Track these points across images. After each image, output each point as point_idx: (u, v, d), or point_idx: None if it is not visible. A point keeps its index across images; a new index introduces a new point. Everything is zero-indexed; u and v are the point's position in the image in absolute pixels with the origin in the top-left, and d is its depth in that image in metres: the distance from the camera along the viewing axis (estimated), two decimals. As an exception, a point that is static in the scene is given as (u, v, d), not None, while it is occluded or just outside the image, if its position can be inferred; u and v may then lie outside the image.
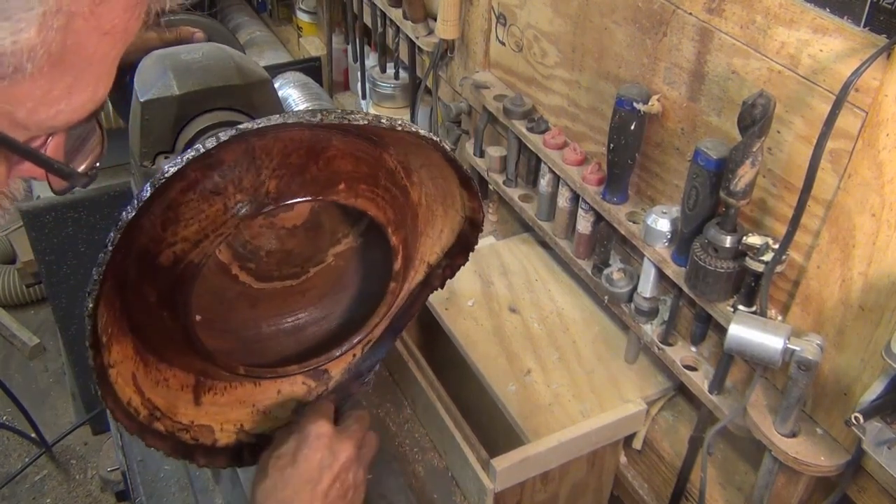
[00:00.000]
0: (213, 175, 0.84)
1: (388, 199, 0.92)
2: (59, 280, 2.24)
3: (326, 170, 0.87)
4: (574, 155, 1.34)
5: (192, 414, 1.05)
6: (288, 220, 1.03)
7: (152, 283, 0.89)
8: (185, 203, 0.84)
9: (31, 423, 2.58)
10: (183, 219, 0.85)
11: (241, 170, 0.84)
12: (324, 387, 1.11)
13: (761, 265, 1.01)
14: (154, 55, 1.10)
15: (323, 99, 2.09)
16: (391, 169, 0.94)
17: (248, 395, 1.08)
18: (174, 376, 1.03)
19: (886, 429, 0.92)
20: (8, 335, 3.10)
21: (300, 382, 1.10)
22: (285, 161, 0.85)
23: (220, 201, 0.84)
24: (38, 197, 2.22)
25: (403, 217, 0.95)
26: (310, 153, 0.86)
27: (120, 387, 0.97)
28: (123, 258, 0.86)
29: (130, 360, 0.97)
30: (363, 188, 0.89)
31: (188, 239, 0.85)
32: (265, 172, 0.85)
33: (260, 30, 2.70)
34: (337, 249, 1.07)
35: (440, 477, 1.27)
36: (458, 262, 1.08)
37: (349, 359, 1.11)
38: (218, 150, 0.80)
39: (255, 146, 0.84)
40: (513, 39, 1.50)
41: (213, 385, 1.05)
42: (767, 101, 0.91)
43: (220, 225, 0.85)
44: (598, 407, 1.28)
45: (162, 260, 0.86)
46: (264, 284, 1.07)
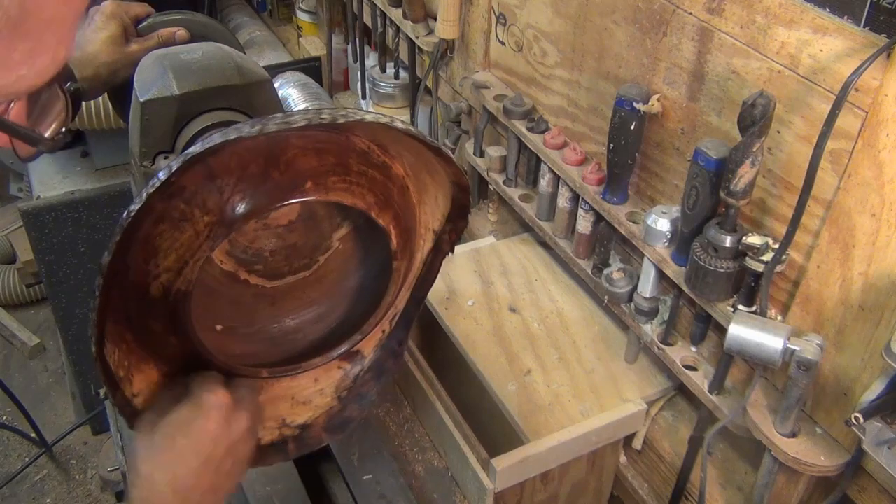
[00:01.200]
0: (179, 203, 0.84)
1: (365, 182, 0.90)
2: (59, 280, 2.25)
3: (289, 172, 0.86)
4: (574, 155, 1.34)
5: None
6: (281, 217, 1.03)
7: (152, 315, 0.90)
8: (158, 235, 0.84)
9: (31, 423, 2.58)
10: (161, 250, 0.85)
11: (203, 192, 0.84)
12: (359, 367, 1.11)
13: (761, 265, 1.00)
14: (154, 55, 1.10)
15: (323, 99, 2.10)
16: (363, 150, 0.91)
17: (286, 389, 1.08)
18: None
19: (886, 429, 0.92)
20: (8, 335, 3.10)
21: (336, 367, 1.10)
22: (245, 173, 0.84)
23: (189, 227, 0.84)
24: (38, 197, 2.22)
25: (388, 195, 0.93)
26: (269, 159, 0.85)
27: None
28: (119, 297, 0.87)
29: (157, 385, 0.98)
30: (333, 180, 0.88)
31: (170, 269, 0.86)
32: (227, 190, 0.84)
33: (260, 30, 2.70)
34: (340, 234, 1.06)
35: (440, 477, 1.27)
36: (460, 226, 1.06)
37: (379, 335, 1.10)
38: (178, 178, 0.80)
39: (212, 166, 0.83)
40: (513, 39, 1.50)
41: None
42: (767, 101, 0.90)
43: (196, 250, 0.85)
44: (598, 407, 1.28)
45: (153, 293, 0.87)
46: (278, 282, 1.07)
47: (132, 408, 0.95)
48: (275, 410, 1.08)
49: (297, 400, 1.09)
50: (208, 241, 0.85)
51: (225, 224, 0.85)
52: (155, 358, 0.96)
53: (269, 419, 1.07)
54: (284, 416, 1.08)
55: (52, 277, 2.24)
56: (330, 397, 1.10)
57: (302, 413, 1.09)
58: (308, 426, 1.09)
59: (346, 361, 1.10)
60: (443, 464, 1.29)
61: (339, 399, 1.11)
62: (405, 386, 1.38)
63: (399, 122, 0.83)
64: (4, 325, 3.10)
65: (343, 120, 0.78)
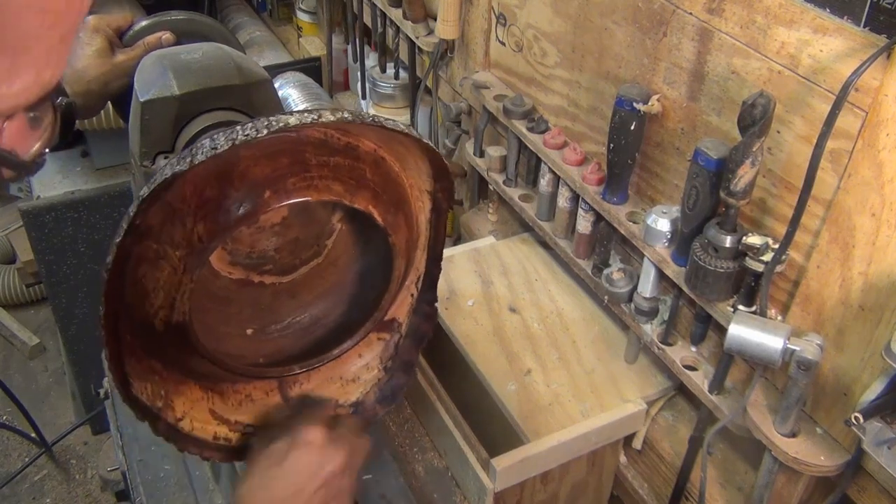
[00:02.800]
0: (150, 244, 0.84)
1: (328, 172, 0.89)
2: (59, 280, 2.25)
3: (245, 185, 0.85)
4: (574, 155, 1.34)
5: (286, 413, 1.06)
6: (273, 218, 1.03)
7: (167, 345, 0.90)
8: (143, 277, 0.85)
9: (31, 423, 2.58)
10: (150, 291, 0.85)
11: (168, 228, 0.84)
12: (398, 335, 1.12)
13: (761, 265, 1.00)
14: (154, 55, 1.11)
15: (323, 99, 2.10)
16: (320, 139, 0.89)
17: (332, 370, 1.09)
18: (255, 389, 1.05)
19: (886, 429, 0.92)
20: (8, 335, 3.10)
21: (376, 339, 1.10)
22: (202, 199, 0.84)
23: (166, 265, 0.84)
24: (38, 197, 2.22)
25: (359, 176, 0.91)
26: (222, 179, 0.84)
27: (199, 430, 1.00)
28: (131, 336, 0.88)
29: (202, 401, 0.99)
30: (293, 182, 0.86)
31: (163, 306, 0.86)
32: (189, 220, 0.84)
33: (260, 30, 2.70)
34: (338, 216, 1.06)
35: (440, 477, 1.27)
36: (447, 185, 1.04)
37: (409, 301, 1.11)
38: (143, 220, 0.80)
39: (169, 200, 0.83)
40: (513, 39, 1.50)
41: (296, 377, 1.06)
42: (767, 101, 0.91)
43: (178, 285, 0.85)
44: (598, 407, 1.28)
45: (157, 328, 0.88)
46: (293, 275, 1.07)
47: (180, 432, 0.97)
48: (326, 393, 1.09)
49: (345, 379, 1.10)
50: (186, 274, 0.85)
51: (196, 254, 0.85)
52: (191, 376, 0.97)
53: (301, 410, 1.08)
54: (337, 398, 1.09)
55: (52, 277, 2.24)
56: (376, 370, 1.11)
57: (353, 391, 1.10)
58: (360, 402, 1.10)
59: (385, 332, 1.11)
60: (443, 464, 1.29)
61: (385, 370, 1.12)
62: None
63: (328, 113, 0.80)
64: (4, 325, 3.10)
65: (266, 131, 0.77)
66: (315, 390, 1.08)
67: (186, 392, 0.97)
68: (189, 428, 0.98)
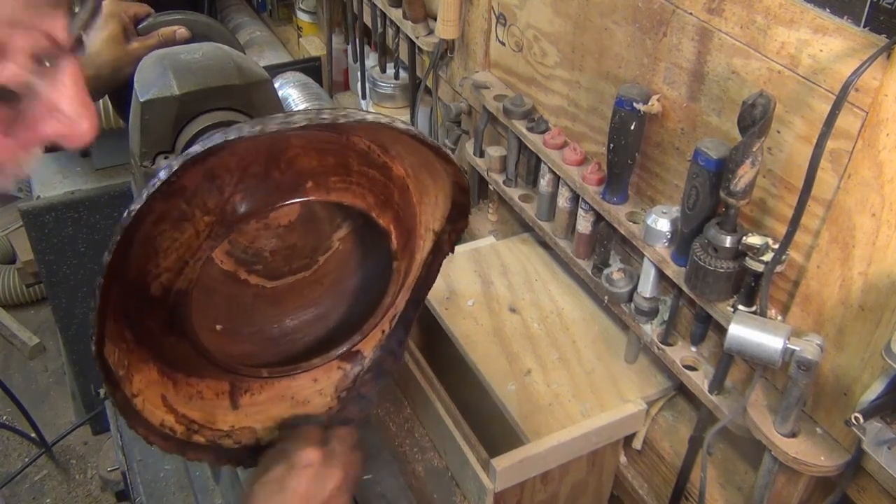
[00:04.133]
0: (180, 203, 0.84)
1: (366, 182, 0.90)
2: (59, 280, 2.25)
3: (290, 171, 0.86)
4: (574, 155, 1.34)
5: (231, 419, 1.06)
6: (281, 217, 1.03)
7: (152, 314, 0.90)
8: (159, 234, 0.85)
9: (31, 423, 2.58)
10: (161, 250, 0.85)
11: (204, 192, 0.84)
12: (359, 367, 1.11)
13: (761, 265, 1.01)
14: (154, 55, 1.10)
15: (323, 99, 2.10)
16: (363, 150, 0.91)
17: (286, 388, 1.08)
18: (207, 387, 1.04)
19: (886, 429, 0.92)
20: (8, 335, 3.10)
21: (335, 367, 1.10)
22: (246, 173, 0.84)
23: (190, 227, 0.84)
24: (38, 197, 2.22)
25: (389, 195, 0.93)
26: (269, 159, 0.85)
27: (149, 412, 0.98)
28: (119, 296, 0.87)
29: (157, 384, 0.98)
30: (334, 180, 0.88)
31: (170, 269, 0.86)
32: (228, 190, 0.84)
33: (260, 30, 2.70)
34: (340, 234, 1.06)
35: (440, 477, 1.27)
36: (460, 227, 1.06)
37: (378, 336, 1.10)
38: (179, 178, 0.80)
39: (212, 166, 0.83)
40: (513, 39, 1.50)
41: (249, 386, 1.06)
42: (767, 101, 0.91)
43: (196, 250, 0.85)
44: (598, 407, 1.28)
45: (153, 292, 0.87)
46: (278, 282, 1.07)
47: (132, 408, 0.96)
48: (273, 410, 1.08)
49: (296, 400, 1.09)
50: (209, 240, 0.85)
51: (225, 224, 0.85)
52: (154, 358, 0.96)
53: (269, 419, 1.07)
54: (284, 417, 1.08)
55: (52, 277, 2.24)
56: (329, 397, 1.11)
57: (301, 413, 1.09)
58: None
59: (346, 361, 1.10)
60: (443, 464, 1.29)
61: (339, 399, 1.11)
62: (405, 386, 1.38)
63: (399, 123, 0.82)
64: (4, 325, 3.10)
65: (344, 120, 0.78)
66: (263, 403, 1.07)
67: (146, 371, 0.96)
68: (141, 406, 0.96)
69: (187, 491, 1.26)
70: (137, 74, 1.09)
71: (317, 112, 0.78)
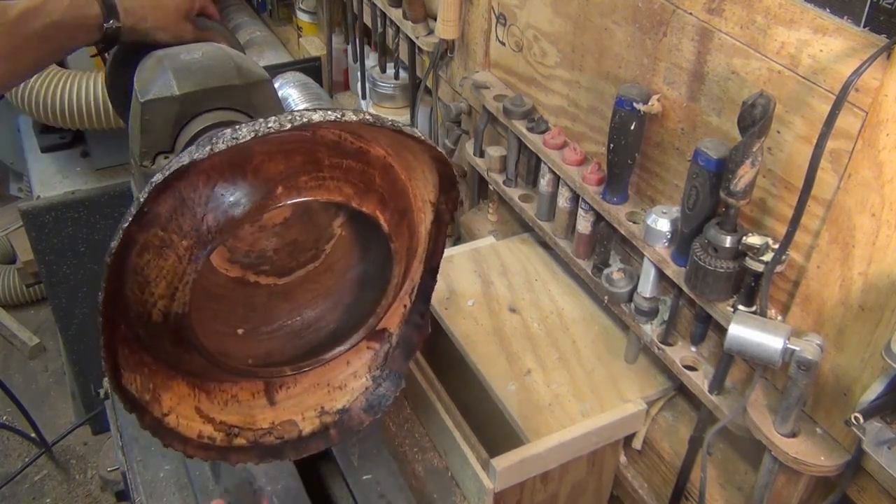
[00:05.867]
0: (157, 231, 0.84)
1: (340, 174, 0.89)
2: (59, 280, 2.25)
3: (258, 180, 0.85)
4: (574, 155, 1.34)
5: (270, 416, 1.07)
6: (274, 218, 1.03)
7: (161, 338, 0.90)
8: (145, 265, 0.85)
9: (31, 423, 2.58)
10: (151, 279, 0.86)
11: (177, 216, 0.84)
12: (388, 345, 1.12)
13: (761, 265, 1.00)
14: (154, 55, 1.11)
15: (323, 99, 2.10)
16: (334, 141, 0.90)
17: (320, 376, 1.09)
18: (241, 390, 1.05)
19: (886, 429, 0.92)
20: (8, 335, 3.10)
21: (365, 348, 1.11)
22: (215, 191, 0.84)
23: (171, 253, 0.85)
24: (38, 197, 2.22)
25: (369, 180, 0.92)
26: (236, 172, 0.84)
27: (185, 426, 0.99)
28: (126, 327, 0.89)
29: (189, 397, 0.99)
30: (304, 180, 0.87)
31: (164, 296, 0.86)
32: (199, 210, 0.84)
33: (260, 30, 2.70)
34: (339, 221, 1.06)
35: (440, 477, 1.27)
36: (453, 196, 1.05)
37: (401, 311, 1.11)
38: (151, 206, 0.81)
39: (179, 189, 0.83)
40: (513, 39, 1.50)
41: (283, 381, 1.06)
42: (767, 101, 0.91)
43: (182, 275, 0.85)
44: (598, 407, 1.28)
45: (154, 319, 0.88)
46: (289, 277, 1.07)
47: (165, 427, 0.97)
48: (311, 399, 1.09)
49: (332, 386, 1.10)
50: (191, 264, 0.85)
51: (202, 245, 0.85)
52: (181, 374, 0.97)
53: (308, 408, 1.08)
54: (323, 404, 1.09)
55: (52, 277, 2.24)
56: (364, 378, 1.12)
57: (339, 398, 1.10)
58: (347, 410, 1.11)
59: (374, 341, 1.11)
60: (443, 464, 1.29)
61: (373, 378, 1.12)
62: (405, 386, 1.38)
63: (350, 113, 0.81)
64: (4, 325, 3.10)
65: (290, 125, 0.77)
66: (301, 394, 1.08)
67: (174, 387, 0.97)
68: (175, 423, 0.97)
69: (187, 491, 1.26)
70: (137, 75, 1.09)
71: (263, 122, 0.77)
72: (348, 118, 0.80)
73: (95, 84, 2.11)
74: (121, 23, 1.19)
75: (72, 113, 2.12)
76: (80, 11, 1.15)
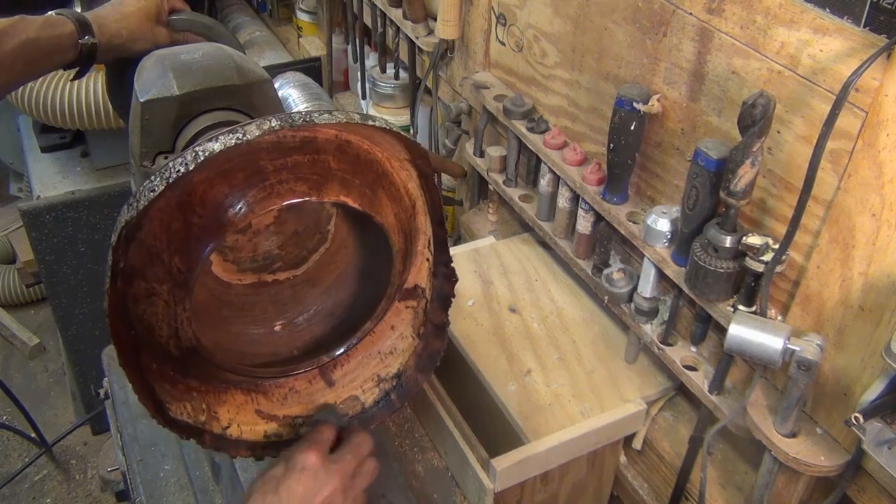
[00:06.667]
0: (140, 282, 0.84)
1: (287, 175, 0.86)
2: (59, 280, 2.25)
3: (207, 210, 0.84)
4: (574, 155, 1.34)
5: (332, 396, 1.07)
6: (263, 220, 1.03)
7: (191, 365, 0.91)
8: (143, 312, 0.86)
9: (31, 423, 2.59)
10: (154, 324, 0.86)
11: (150, 266, 0.84)
12: (424, 300, 1.11)
13: (761, 265, 1.00)
14: (154, 55, 1.11)
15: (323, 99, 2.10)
16: (273, 143, 0.86)
17: (369, 347, 1.09)
18: (297, 380, 1.05)
19: (886, 429, 0.92)
20: (8, 335, 3.10)
21: (404, 308, 1.10)
22: (171, 233, 0.83)
23: (158, 300, 0.85)
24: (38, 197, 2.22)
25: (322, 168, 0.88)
26: (184, 208, 0.83)
27: (249, 433, 1.00)
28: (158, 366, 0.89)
29: (246, 403, 1.00)
30: (252, 194, 0.84)
31: (170, 335, 0.87)
32: (165, 254, 0.84)
33: (260, 30, 2.70)
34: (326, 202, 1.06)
35: (440, 477, 1.27)
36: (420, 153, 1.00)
37: (426, 265, 1.10)
38: (123, 260, 0.81)
39: (142, 239, 0.83)
40: (513, 39, 1.50)
41: (336, 359, 1.06)
42: (767, 102, 0.91)
43: (175, 315, 0.86)
44: (598, 407, 1.28)
45: (173, 352, 0.88)
46: (305, 266, 1.08)
47: (228, 440, 0.97)
48: (367, 371, 1.09)
49: (383, 353, 1.10)
50: (178, 305, 0.85)
51: (180, 287, 0.84)
52: (231, 383, 0.97)
53: (366, 380, 1.09)
54: (378, 373, 1.10)
55: (52, 277, 2.24)
56: (411, 338, 1.12)
57: (392, 363, 1.11)
58: (402, 373, 1.11)
59: (410, 299, 1.11)
60: (443, 464, 1.29)
61: (420, 336, 1.12)
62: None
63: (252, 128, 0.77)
64: (4, 325, 3.10)
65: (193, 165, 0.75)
66: (355, 369, 1.08)
67: (229, 399, 0.97)
68: (237, 433, 0.98)
69: (187, 491, 1.26)
70: (137, 74, 1.09)
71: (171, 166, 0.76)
72: (251, 135, 0.77)
73: (95, 84, 2.12)
74: (96, 39, 1.20)
75: (72, 113, 2.12)
76: (54, 30, 1.17)
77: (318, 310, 1.07)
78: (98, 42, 1.21)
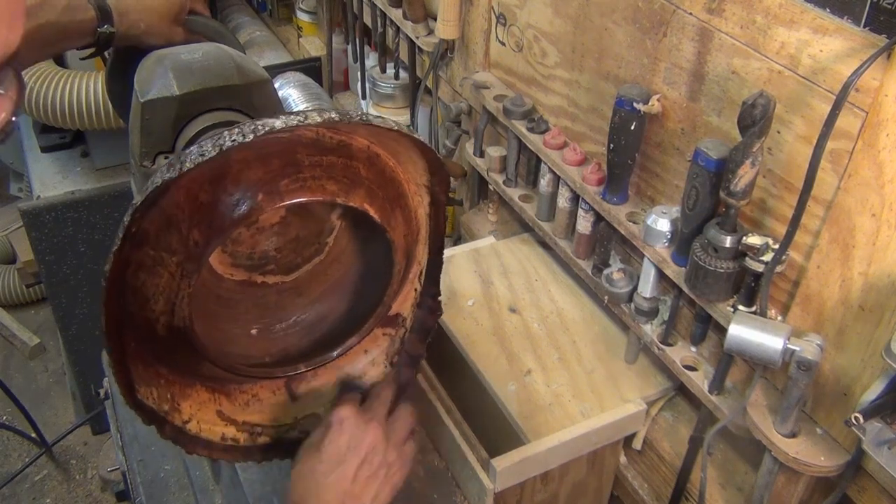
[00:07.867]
0: (147, 250, 0.84)
1: (321, 172, 0.88)
2: (59, 280, 2.25)
3: (238, 189, 0.84)
4: (574, 155, 1.34)
5: (293, 411, 1.07)
6: (271, 218, 1.03)
7: (171, 350, 0.91)
8: (142, 283, 0.85)
9: (31, 423, 2.59)
10: (150, 296, 0.86)
11: (165, 234, 0.83)
12: (403, 329, 1.12)
13: (761, 265, 1.01)
14: (154, 55, 1.11)
15: (323, 99, 2.10)
16: (312, 139, 0.88)
17: (339, 367, 1.09)
18: (262, 388, 1.05)
19: (886, 429, 0.92)
20: (8, 335, 3.10)
21: (381, 335, 1.11)
22: (196, 205, 0.84)
23: (164, 271, 0.84)
24: (38, 197, 2.22)
25: (353, 173, 0.90)
26: (215, 183, 0.84)
27: (207, 431, 1.00)
28: (137, 344, 0.88)
29: (209, 402, 0.99)
30: (285, 183, 0.86)
31: (164, 311, 0.86)
32: (184, 225, 0.84)
33: (260, 30, 2.70)
34: (336, 213, 1.06)
35: (440, 477, 1.27)
36: (442, 177, 1.03)
37: (413, 295, 1.10)
38: (139, 225, 0.81)
39: (163, 206, 0.83)
40: (513, 39, 1.50)
41: (303, 374, 1.06)
42: (767, 102, 0.91)
43: (177, 290, 0.85)
44: (598, 407, 1.28)
45: (160, 333, 0.88)
46: (296, 273, 1.07)
47: (187, 434, 0.97)
48: (332, 391, 1.09)
49: (352, 375, 1.10)
50: (184, 279, 0.85)
51: (192, 260, 0.84)
52: (199, 380, 0.97)
53: (330, 400, 1.09)
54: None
55: (52, 277, 2.24)
56: (382, 365, 1.11)
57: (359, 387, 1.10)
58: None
59: (389, 327, 1.11)
60: (443, 464, 1.29)
61: (392, 365, 1.12)
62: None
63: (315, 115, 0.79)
64: (4, 325, 3.10)
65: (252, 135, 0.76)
66: (321, 387, 1.08)
67: (193, 395, 0.97)
68: (196, 430, 0.98)
69: (187, 491, 1.26)
70: (137, 75, 1.09)
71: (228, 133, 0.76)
72: (312, 120, 0.79)
73: (95, 84, 2.12)
74: (115, 28, 1.20)
75: (72, 113, 2.12)
76: (76, 15, 1.17)
77: (298, 321, 1.07)
78: (116, 31, 1.21)
